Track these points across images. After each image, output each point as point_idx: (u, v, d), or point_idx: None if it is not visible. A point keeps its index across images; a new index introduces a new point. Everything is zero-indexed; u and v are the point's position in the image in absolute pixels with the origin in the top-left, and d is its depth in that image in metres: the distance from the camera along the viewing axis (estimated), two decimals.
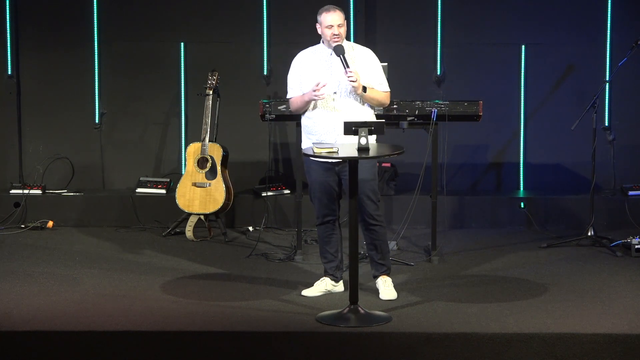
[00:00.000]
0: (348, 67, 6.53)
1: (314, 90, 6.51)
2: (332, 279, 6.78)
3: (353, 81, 6.51)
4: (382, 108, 7.08)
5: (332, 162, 6.56)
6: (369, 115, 6.68)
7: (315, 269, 7.41)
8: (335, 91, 6.60)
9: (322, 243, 6.79)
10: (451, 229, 8.80)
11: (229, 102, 8.96)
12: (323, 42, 6.74)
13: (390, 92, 6.75)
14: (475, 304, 6.49)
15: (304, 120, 6.73)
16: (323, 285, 6.77)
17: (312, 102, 6.64)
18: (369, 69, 6.68)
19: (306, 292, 6.72)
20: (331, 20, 6.61)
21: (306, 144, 6.67)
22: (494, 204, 8.96)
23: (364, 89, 6.57)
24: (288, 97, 6.80)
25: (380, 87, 6.70)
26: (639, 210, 8.75)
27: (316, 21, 6.68)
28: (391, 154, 6.37)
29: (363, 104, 6.67)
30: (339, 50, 6.58)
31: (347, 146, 6.33)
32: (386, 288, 6.71)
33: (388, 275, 6.79)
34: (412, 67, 9.05)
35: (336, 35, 6.61)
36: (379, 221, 6.70)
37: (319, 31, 6.70)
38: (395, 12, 9.21)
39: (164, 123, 9.41)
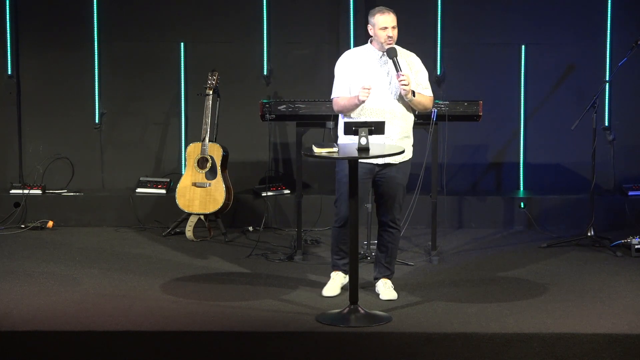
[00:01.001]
0: (400, 70, 6.55)
1: (363, 89, 6.47)
2: (343, 272, 6.76)
3: (405, 85, 6.52)
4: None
5: (373, 163, 6.59)
6: (411, 120, 6.73)
7: (315, 269, 7.41)
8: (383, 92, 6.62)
9: (337, 242, 6.74)
10: (451, 229, 8.80)
11: (229, 102, 8.96)
12: (371, 43, 6.73)
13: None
14: (475, 304, 6.50)
15: (348, 121, 6.70)
16: (339, 280, 6.75)
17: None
18: (417, 73, 6.72)
19: (327, 293, 6.69)
20: (385, 22, 6.62)
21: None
22: (494, 204, 8.96)
23: (413, 93, 6.60)
24: (333, 96, 6.76)
25: (425, 91, 6.74)
26: (639, 210, 8.75)
27: (367, 22, 6.69)
28: (391, 154, 6.37)
29: (409, 108, 6.69)
30: (392, 53, 6.59)
31: (394, 148, 6.40)
32: (386, 289, 6.72)
33: (389, 278, 6.81)
34: None
35: (390, 37, 6.62)
36: (398, 225, 6.77)
37: (371, 32, 6.69)
38: (395, 12, 9.19)
39: (164, 123, 9.41)
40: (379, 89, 6.60)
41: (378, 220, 6.80)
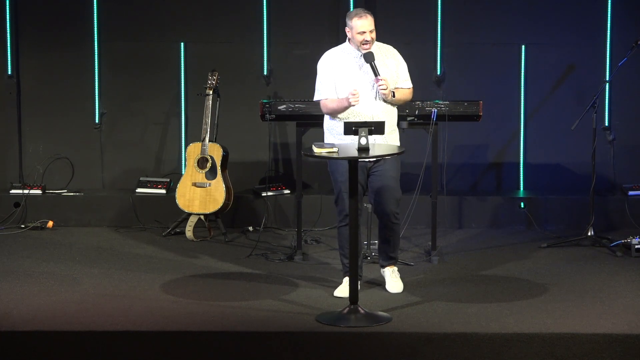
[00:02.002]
0: (378, 74, 6.59)
1: (352, 95, 6.52)
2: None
3: (384, 90, 6.59)
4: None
5: (364, 161, 6.62)
6: (395, 114, 6.81)
7: (315, 269, 7.41)
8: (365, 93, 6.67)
9: (346, 242, 6.72)
10: (451, 229, 8.80)
11: (229, 102, 8.96)
12: (349, 42, 6.75)
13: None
14: (475, 304, 6.49)
15: (332, 122, 6.74)
16: None
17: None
18: (395, 67, 6.76)
19: (340, 293, 6.68)
20: (362, 27, 6.63)
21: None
22: (494, 204, 8.96)
23: (393, 94, 6.66)
24: (317, 99, 6.79)
25: (405, 83, 6.81)
26: (639, 210, 8.75)
27: (345, 24, 6.71)
28: (391, 154, 6.38)
29: (393, 106, 6.76)
30: (369, 58, 6.63)
31: (382, 146, 6.45)
32: (393, 279, 6.81)
33: (395, 265, 6.86)
34: (412, 67, 9.03)
35: (367, 41, 6.65)
36: (398, 219, 6.81)
37: (349, 35, 6.71)
38: (395, 12, 9.21)
39: (164, 123, 9.41)
40: (361, 89, 6.63)
41: (377, 217, 6.83)
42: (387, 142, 6.67)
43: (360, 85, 6.64)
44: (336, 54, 6.78)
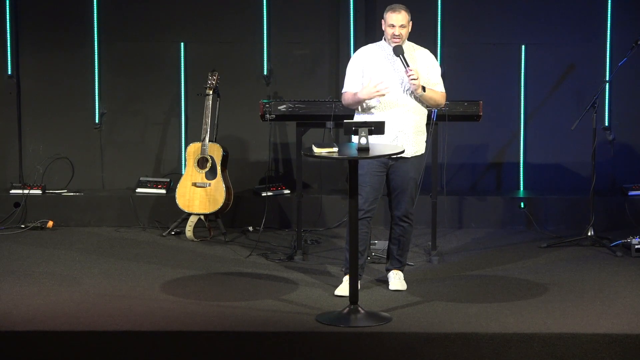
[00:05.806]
0: (408, 66, 6.63)
1: (376, 85, 6.54)
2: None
3: (414, 79, 6.60)
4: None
5: (382, 160, 6.66)
6: (425, 115, 6.81)
7: (315, 269, 7.41)
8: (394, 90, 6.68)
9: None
10: (451, 229, 8.80)
11: (229, 102, 8.96)
12: (385, 39, 6.80)
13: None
14: (475, 304, 6.49)
15: (362, 116, 6.73)
16: None
17: (371, 100, 6.67)
18: (427, 69, 6.79)
19: (340, 292, 6.67)
20: (393, 20, 6.70)
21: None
22: (494, 204, 8.96)
23: (423, 88, 6.66)
24: (343, 90, 6.82)
25: (436, 87, 6.81)
26: (639, 210, 8.75)
27: (382, 17, 6.75)
28: (391, 154, 6.38)
29: (422, 104, 6.76)
30: (398, 51, 6.68)
31: (394, 147, 6.43)
32: (396, 279, 6.82)
33: (401, 270, 6.90)
34: None
35: (396, 35, 6.70)
36: (411, 219, 6.84)
37: (383, 27, 6.76)
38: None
39: (164, 123, 9.41)
40: (392, 84, 6.66)
41: (391, 215, 6.87)
42: (414, 142, 6.68)
43: (390, 81, 6.67)
44: (370, 50, 6.83)
